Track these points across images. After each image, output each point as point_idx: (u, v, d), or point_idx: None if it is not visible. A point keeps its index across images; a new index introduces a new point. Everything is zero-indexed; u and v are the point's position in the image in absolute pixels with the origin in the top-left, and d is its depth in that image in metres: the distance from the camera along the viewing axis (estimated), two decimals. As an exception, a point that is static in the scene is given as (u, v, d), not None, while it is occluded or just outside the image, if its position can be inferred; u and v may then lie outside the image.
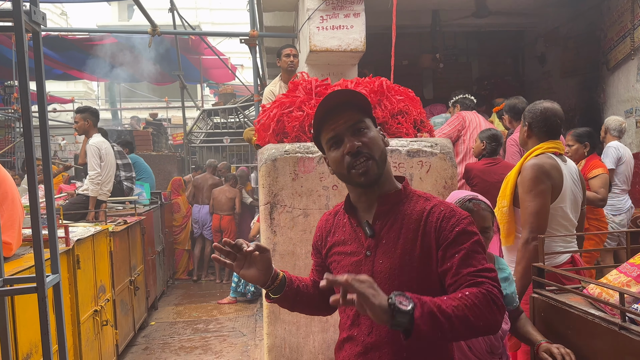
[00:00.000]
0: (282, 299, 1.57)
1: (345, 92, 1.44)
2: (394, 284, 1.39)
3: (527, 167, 2.52)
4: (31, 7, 2.04)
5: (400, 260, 1.40)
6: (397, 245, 1.41)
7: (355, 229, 1.51)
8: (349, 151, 1.41)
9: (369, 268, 1.43)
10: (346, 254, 1.51)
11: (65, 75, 13.81)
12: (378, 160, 1.43)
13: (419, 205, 1.45)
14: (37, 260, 1.98)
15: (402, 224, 1.43)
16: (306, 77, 3.85)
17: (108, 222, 4.59)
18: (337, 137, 1.44)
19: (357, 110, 1.45)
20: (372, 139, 1.44)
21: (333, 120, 1.45)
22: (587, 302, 2.04)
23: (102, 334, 3.97)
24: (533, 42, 7.43)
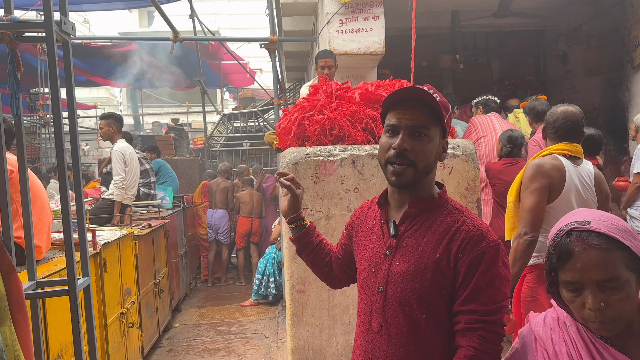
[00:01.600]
0: (299, 240, 1.77)
1: (427, 94, 1.41)
2: (406, 288, 1.39)
3: (528, 167, 2.66)
4: (61, 17, 2.10)
5: (415, 266, 1.39)
6: (416, 251, 1.41)
7: (382, 225, 1.51)
8: (395, 148, 1.40)
9: (386, 267, 1.44)
10: (370, 246, 1.52)
11: (89, 82, 14.07)
12: (419, 170, 1.40)
13: (450, 217, 1.42)
14: (68, 264, 2.04)
15: (427, 232, 1.42)
16: (326, 81, 3.88)
17: (133, 226, 4.67)
18: (396, 128, 1.42)
19: (429, 116, 1.42)
20: (424, 148, 1.40)
21: (402, 111, 1.43)
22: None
23: (128, 336, 4.04)
24: (555, 41, 7.34)
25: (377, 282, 1.45)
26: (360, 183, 3.33)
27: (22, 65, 2.06)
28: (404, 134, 1.41)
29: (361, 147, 3.35)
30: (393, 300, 1.41)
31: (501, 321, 1.35)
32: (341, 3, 4.76)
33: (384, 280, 1.44)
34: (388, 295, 1.42)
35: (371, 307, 1.47)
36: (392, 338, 1.41)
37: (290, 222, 1.75)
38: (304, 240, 1.77)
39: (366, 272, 1.51)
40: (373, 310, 1.46)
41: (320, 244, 1.79)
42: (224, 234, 7.70)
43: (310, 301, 3.28)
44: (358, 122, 3.42)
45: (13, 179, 2.72)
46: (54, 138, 2.07)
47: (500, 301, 1.35)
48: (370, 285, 1.48)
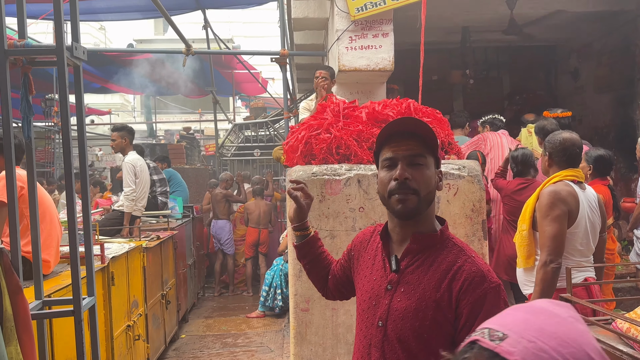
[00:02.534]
0: (300, 248, 1.82)
1: (419, 123, 1.45)
2: (406, 325, 1.40)
3: (544, 194, 2.68)
4: (73, 43, 2.15)
5: (417, 304, 1.40)
6: (418, 289, 1.41)
7: (384, 258, 1.52)
8: (396, 178, 1.41)
9: (386, 302, 1.45)
10: (371, 278, 1.53)
11: (103, 89, 14.26)
12: (422, 198, 1.42)
13: (451, 255, 1.43)
14: (74, 285, 2.08)
15: (429, 269, 1.42)
16: (334, 100, 3.91)
17: (142, 238, 4.73)
18: (393, 160, 1.44)
19: (423, 144, 1.45)
20: (424, 176, 1.43)
21: (396, 143, 1.45)
22: (615, 337, 2.01)
23: (134, 349, 4.08)
24: (566, 57, 7.32)
25: (377, 316, 1.46)
26: (365, 202, 3.35)
27: (38, 70, 2.11)
28: (402, 164, 1.43)
29: (367, 166, 3.37)
30: (392, 336, 1.42)
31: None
32: (351, 20, 4.79)
33: (384, 315, 1.44)
34: (388, 330, 1.43)
35: (370, 340, 1.48)
36: None
37: (294, 229, 1.81)
38: (305, 249, 1.82)
39: (367, 304, 1.51)
40: (372, 344, 1.47)
41: (321, 256, 1.83)
42: (227, 243, 7.73)
43: (314, 320, 3.29)
44: (364, 142, 3.45)
45: (24, 195, 2.78)
46: (63, 157, 2.11)
47: None
48: (370, 318, 1.49)
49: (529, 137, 5.05)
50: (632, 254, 4.33)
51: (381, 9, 4.76)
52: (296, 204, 1.75)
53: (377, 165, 1.55)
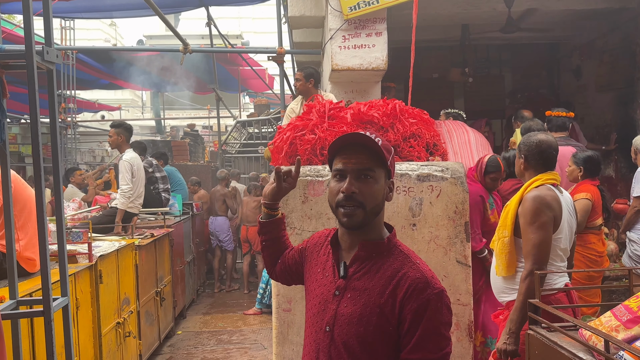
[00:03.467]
0: (264, 225, 1.85)
1: (368, 139, 1.46)
2: (351, 330, 1.42)
3: (528, 199, 2.54)
4: (44, 47, 2.18)
5: (361, 310, 1.42)
6: (363, 295, 1.44)
7: (333, 265, 1.55)
8: (343, 192, 1.45)
9: (333, 307, 1.47)
10: (320, 283, 1.56)
11: (112, 85, 14.41)
12: (368, 211, 1.45)
13: (397, 262, 1.46)
14: (44, 287, 2.12)
15: (375, 276, 1.45)
16: (321, 100, 3.91)
17: (135, 236, 4.77)
18: (342, 172, 1.48)
19: (372, 158, 1.47)
20: (371, 190, 1.46)
21: (347, 156, 1.48)
22: (580, 345, 2.00)
23: (124, 345, 4.14)
24: (569, 54, 7.22)
25: (325, 321, 1.49)
26: (347, 204, 3.35)
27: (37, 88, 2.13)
28: (351, 178, 1.46)
29: (350, 168, 3.37)
30: (339, 341, 1.45)
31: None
32: (344, 19, 4.78)
33: (332, 320, 1.47)
34: (334, 335, 1.46)
35: (318, 345, 1.50)
36: None
37: (265, 205, 1.84)
38: (268, 227, 1.85)
39: (316, 309, 1.54)
40: (320, 349, 1.49)
41: (281, 239, 1.87)
42: (226, 240, 7.81)
43: (295, 320, 3.31)
44: (348, 143, 3.44)
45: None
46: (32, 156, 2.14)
47: (445, 347, 1.40)
48: (318, 323, 1.52)
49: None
50: (625, 256, 4.28)
51: (374, 7, 4.74)
52: (277, 184, 1.78)
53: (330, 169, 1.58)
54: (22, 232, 3.20)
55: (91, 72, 11.76)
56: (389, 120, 3.57)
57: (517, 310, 2.44)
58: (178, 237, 6.10)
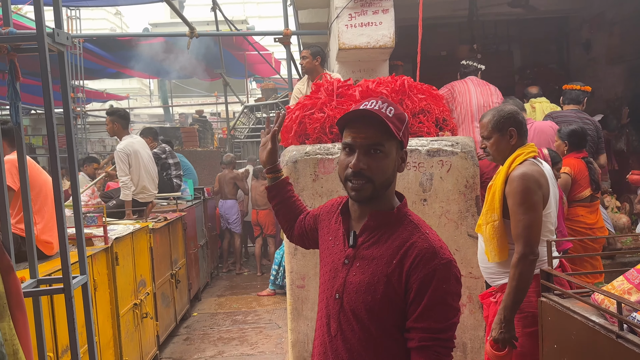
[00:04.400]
0: (271, 190, 1.93)
1: (376, 114, 1.42)
2: (359, 299, 1.44)
3: (516, 178, 2.36)
4: (54, 29, 2.20)
5: (369, 279, 1.44)
6: (371, 264, 1.45)
7: (343, 234, 1.57)
8: (351, 167, 1.44)
9: (343, 276, 1.50)
10: (332, 251, 1.58)
11: (119, 74, 14.45)
12: (377, 185, 1.45)
13: (406, 232, 1.46)
14: (63, 264, 2.17)
15: (383, 246, 1.46)
16: (329, 79, 3.91)
17: (149, 220, 4.84)
18: (351, 147, 1.46)
19: (382, 131, 1.44)
20: (381, 164, 1.44)
21: (356, 129, 1.46)
22: (592, 309, 2.02)
23: (142, 326, 4.22)
24: (578, 28, 7.11)
25: (335, 288, 1.51)
26: (358, 181, 3.37)
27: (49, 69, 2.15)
28: (359, 153, 1.44)
29: (359, 145, 3.38)
30: (348, 309, 1.47)
31: (453, 337, 1.41)
32: (350, -3, 4.75)
33: (341, 288, 1.50)
34: (344, 303, 1.48)
35: (329, 311, 1.53)
36: (347, 343, 1.47)
37: (268, 172, 1.91)
38: (275, 190, 1.92)
39: (327, 276, 1.57)
40: (331, 315, 1.52)
41: (290, 200, 1.93)
42: (235, 222, 7.92)
43: (309, 296, 3.35)
44: (357, 120, 3.45)
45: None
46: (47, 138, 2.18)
47: (452, 318, 1.40)
48: (329, 290, 1.55)
49: (532, 112, 4.98)
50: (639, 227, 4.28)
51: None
52: (272, 144, 1.86)
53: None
54: (39, 216, 3.26)
55: (98, 61, 11.79)
56: (397, 97, 3.57)
57: (511, 296, 2.26)
58: (191, 221, 6.17)
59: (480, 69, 5.11)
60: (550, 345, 2.21)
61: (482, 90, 4.80)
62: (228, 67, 11.75)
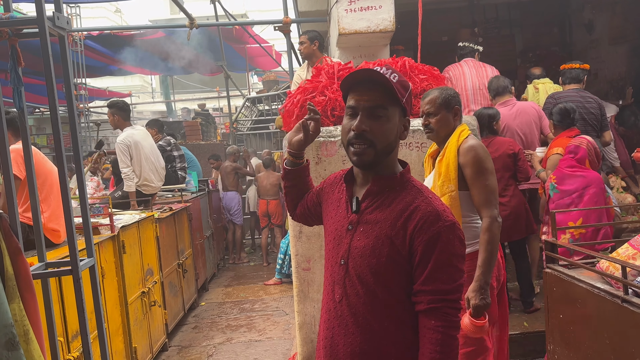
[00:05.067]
0: (289, 172, 1.84)
1: (382, 76, 1.44)
2: (364, 262, 1.46)
3: (471, 149, 2.42)
4: (54, 13, 2.21)
5: (374, 243, 1.45)
6: (375, 228, 1.46)
7: (347, 201, 1.58)
8: (354, 130, 1.45)
9: (347, 241, 1.51)
10: (335, 219, 1.59)
11: (121, 71, 14.44)
12: (379, 150, 1.46)
13: (409, 196, 1.47)
14: (70, 246, 2.19)
15: (386, 209, 1.47)
16: (329, 62, 3.91)
17: (154, 210, 4.86)
18: (355, 110, 1.48)
19: (386, 96, 1.46)
20: (383, 128, 1.45)
21: (360, 92, 1.47)
22: (598, 277, 2.02)
23: (150, 314, 4.25)
24: (580, 9, 7.07)
25: (340, 255, 1.53)
26: (361, 162, 3.37)
27: (53, 56, 2.16)
28: (362, 116, 1.46)
29: (362, 126, 3.38)
30: (353, 274, 1.49)
31: (460, 298, 1.42)
32: (349, -18, 4.73)
33: (346, 253, 1.51)
34: (349, 268, 1.50)
35: (334, 278, 1.55)
36: (352, 308, 1.49)
37: (290, 154, 1.81)
38: (292, 174, 1.84)
39: (332, 244, 1.59)
40: (335, 281, 1.54)
41: (305, 185, 1.87)
42: (236, 214, 7.98)
43: (315, 278, 3.37)
44: (359, 102, 3.45)
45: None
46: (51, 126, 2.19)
47: (458, 279, 1.42)
48: (334, 257, 1.56)
49: (536, 93, 4.96)
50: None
51: (379, -32, 4.68)
52: (304, 135, 1.74)
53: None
54: (45, 204, 3.28)
55: (100, 58, 11.80)
56: (398, 78, 3.56)
57: (487, 260, 2.24)
58: (196, 212, 6.19)
59: (477, 50, 5.10)
60: (556, 316, 2.21)
61: (477, 72, 4.81)
62: (229, 61, 11.74)
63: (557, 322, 2.18)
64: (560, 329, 2.16)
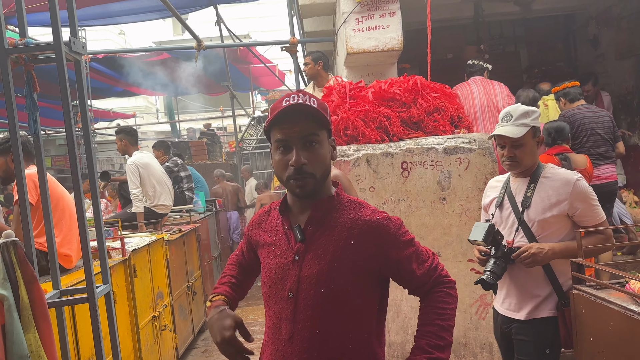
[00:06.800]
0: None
1: (305, 105, 1.43)
2: (320, 290, 1.41)
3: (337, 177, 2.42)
4: (71, 38, 2.21)
5: (329, 266, 1.42)
6: (327, 251, 1.43)
7: (287, 232, 1.51)
8: (293, 165, 1.41)
9: (295, 272, 1.44)
10: (274, 254, 1.52)
11: (126, 92, 14.53)
12: (319, 178, 1.45)
13: (352, 212, 1.49)
14: (87, 274, 2.14)
15: (334, 231, 1.46)
16: (340, 81, 3.90)
17: (164, 231, 4.82)
18: (287, 143, 1.43)
19: (314, 122, 1.44)
20: (319, 156, 1.44)
21: (288, 125, 1.43)
22: (629, 299, 1.97)
23: (161, 339, 4.18)
24: (584, 24, 7.09)
25: (287, 288, 1.45)
26: (375, 182, 3.34)
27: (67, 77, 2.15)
28: (298, 148, 1.42)
29: (375, 145, 3.36)
30: (305, 305, 1.42)
31: (443, 268, 1.53)
32: (356, 2, 4.75)
33: (294, 285, 1.44)
34: (299, 300, 1.43)
35: (280, 314, 1.46)
36: (304, 343, 1.42)
37: None
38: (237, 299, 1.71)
39: (272, 280, 1.50)
40: (283, 318, 1.45)
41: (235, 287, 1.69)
42: (236, 232, 7.96)
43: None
44: (372, 121, 3.44)
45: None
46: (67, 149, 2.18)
47: (429, 252, 1.54)
48: (278, 292, 1.48)
49: (545, 110, 4.94)
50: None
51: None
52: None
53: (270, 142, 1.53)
54: (57, 229, 3.24)
55: (105, 80, 11.87)
56: (410, 96, 3.55)
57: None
58: (204, 232, 6.15)
59: (486, 68, 5.10)
60: (585, 339, 2.15)
61: (485, 90, 4.80)
62: (233, 81, 11.79)
63: (587, 346, 2.12)
64: (590, 353, 2.10)
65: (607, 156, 4.26)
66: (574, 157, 3.83)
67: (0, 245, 1.94)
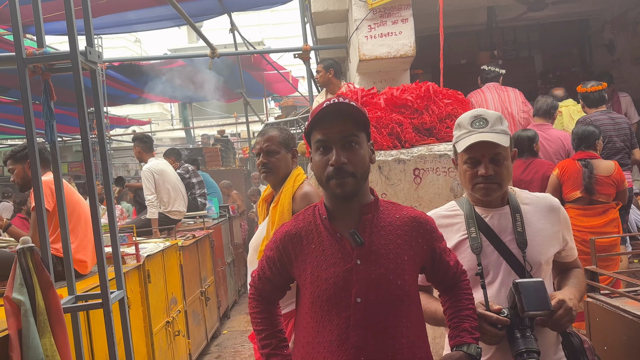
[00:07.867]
0: None
1: (345, 104, 1.46)
2: (389, 288, 1.44)
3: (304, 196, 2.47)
4: (87, 48, 2.25)
5: (394, 264, 1.46)
6: (389, 250, 1.47)
7: (338, 239, 1.49)
8: (333, 164, 1.42)
9: (361, 276, 1.43)
10: (329, 264, 1.47)
11: (141, 99, 14.71)
12: (359, 178, 1.46)
13: (394, 211, 1.55)
14: (101, 280, 2.17)
15: (387, 230, 1.50)
16: (352, 88, 3.91)
17: (178, 237, 4.87)
18: (327, 143, 1.45)
19: (354, 123, 1.47)
20: (359, 156, 1.46)
21: (328, 126, 1.45)
22: (644, 306, 1.94)
23: (175, 344, 4.21)
24: (600, 29, 7.03)
25: (352, 294, 1.43)
26: (387, 188, 3.34)
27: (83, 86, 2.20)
28: (338, 147, 1.44)
29: (387, 152, 3.36)
30: (376, 307, 1.43)
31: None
32: (369, 8, 4.77)
33: (362, 289, 1.43)
34: (368, 303, 1.42)
35: (347, 323, 1.42)
36: (379, 344, 1.42)
37: None
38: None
39: (332, 290, 1.45)
40: (351, 325, 1.42)
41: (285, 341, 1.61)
42: None
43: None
44: (384, 128, 3.43)
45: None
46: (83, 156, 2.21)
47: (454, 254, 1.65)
48: (341, 301, 1.44)
49: (560, 117, 4.90)
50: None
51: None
52: None
53: (310, 146, 1.54)
54: (73, 235, 3.29)
55: (121, 87, 12.04)
56: (423, 103, 3.55)
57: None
58: (217, 238, 6.19)
59: (501, 74, 5.08)
60: (599, 348, 2.13)
61: (499, 97, 4.78)
62: (247, 87, 11.88)
63: (601, 354, 2.09)
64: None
65: (623, 163, 4.20)
66: (597, 163, 3.73)
67: (18, 251, 1.98)
